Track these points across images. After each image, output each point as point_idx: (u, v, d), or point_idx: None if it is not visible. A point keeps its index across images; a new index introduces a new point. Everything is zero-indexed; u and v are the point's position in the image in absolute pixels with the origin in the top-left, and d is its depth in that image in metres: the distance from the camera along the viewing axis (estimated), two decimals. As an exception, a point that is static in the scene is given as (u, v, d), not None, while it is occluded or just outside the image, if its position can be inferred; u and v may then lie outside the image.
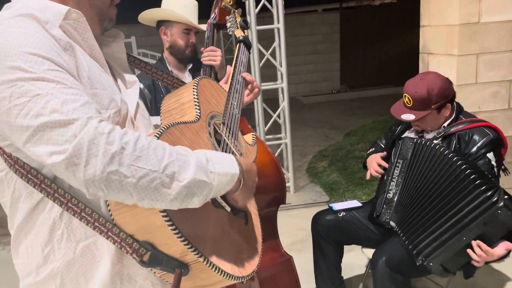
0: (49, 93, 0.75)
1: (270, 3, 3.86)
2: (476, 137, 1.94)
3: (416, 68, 3.50)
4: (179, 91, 1.15)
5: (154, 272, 0.93)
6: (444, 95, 1.96)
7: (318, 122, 7.10)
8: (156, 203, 0.80)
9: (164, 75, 1.26)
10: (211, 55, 1.95)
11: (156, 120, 1.24)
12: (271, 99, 4.48)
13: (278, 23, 3.82)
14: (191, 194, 0.81)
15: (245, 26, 1.65)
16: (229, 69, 1.46)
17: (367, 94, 8.86)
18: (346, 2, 10.26)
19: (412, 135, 2.12)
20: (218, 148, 1.09)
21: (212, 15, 1.87)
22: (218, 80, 2.06)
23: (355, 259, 2.70)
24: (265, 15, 4.04)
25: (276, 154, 4.18)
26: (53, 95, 0.75)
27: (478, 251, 1.68)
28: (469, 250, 1.71)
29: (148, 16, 2.16)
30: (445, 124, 2.03)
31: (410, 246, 1.90)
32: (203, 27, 2.15)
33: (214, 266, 0.89)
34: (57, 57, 0.80)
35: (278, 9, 3.78)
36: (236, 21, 1.67)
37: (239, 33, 1.59)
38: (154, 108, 2.07)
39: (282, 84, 3.96)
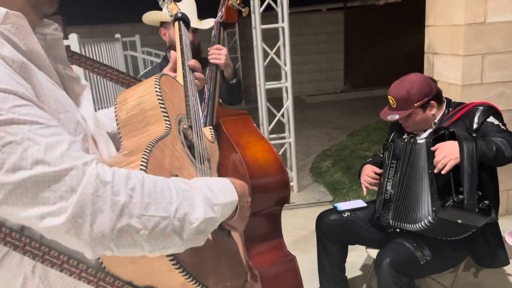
0: (25, 138, 0.60)
1: (275, 2, 3.86)
2: (470, 119, 1.98)
3: (421, 68, 3.48)
4: (136, 92, 0.96)
5: None
6: (424, 93, 2.01)
7: (322, 121, 7.09)
8: (166, 251, 0.70)
9: (108, 70, 1.08)
10: (216, 53, 1.95)
11: (108, 123, 1.06)
12: (275, 99, 4.48)
13: (283, 22, 3.81)
14: (200, 233, 0.73)
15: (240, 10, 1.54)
16: (174, 54, 1.22)
17: (371, 94, 8.84)
18: (350, 1, 10.24)
19: (405, 137, 2.15)
20: (193, 160, 0.99)
21: (219, 14, 1.87)
22: (225, 79, 2.07)
23: (359, 259, 2.70)
24: (269, 14, 4.04)
25: (279, 154, 4.17)
26: (31, 141, 0.60)
27: (435, 159, 1.84)
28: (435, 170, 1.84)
29: (148, 17, 2.19)
30: (436, 121, 2.08)
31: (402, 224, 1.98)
32: (205, 24, 2.14)
33: None
34: (17, 85, 0.63)
35: (283, 8, 3.78)
36: None
37: (174, 9, 1.33)
38: None
39: (286, 83, 3.96)
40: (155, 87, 0.94)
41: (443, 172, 1.81)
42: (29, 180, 0.59)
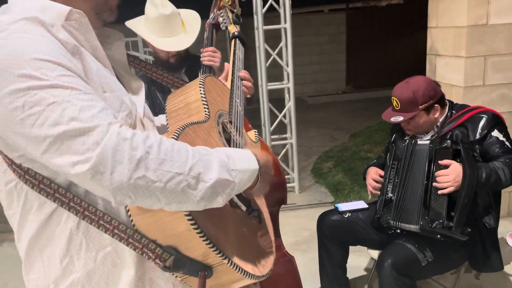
0: (65, 100, 0.72)
1: (277, 3, 3.86)
2: (473, 126, 1.98)
3: (423, 69, 3.48)
4: (184, 90, 1.12)
5: (176, 276, 0.91)
6: (429, 96, 2.01)
7: (324, 122, 7.09)
8: (182, 206, 0.78)
9: (164, 74, 1.24)
10: (211, 56, 1.96)
11: (158, 120, 1.23)
12: (277, 99, 4.48)
13: (285, 23, 3.82)
14: (216, 193, 0.80)
15: (237, 21, 1.62)
16: (227, 66, 1.44)
17: (373, 95, 8.83)
18: (352, 2, 10.24)
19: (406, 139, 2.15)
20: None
21: (211, 15, 1.88)
22: None
23: (361, 260, 2.70)
24: (271, 15, 4.04)
25: (281, 154, 4.18)
26: (70, 102, 0.72)
27: (437, 179, 1.87)
28: (433, 184, 1.89)
29: (131, 25, 2.13)
30: (438, 124, 2.07)
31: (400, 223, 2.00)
32: (178, 44, 2.06)
33: (237, 267, 0.88)
34: (67, 61, 0.76)
35: (285, 9, 3.78)
36: (228, 16, 1.63)
37: (233, 29, 1.55)
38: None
39: (288, 84, 3.96)
40: (199, 84, 1.09)
41: (439, 192, 1.86)
42: (65, 133, 0.71)
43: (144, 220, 0.85)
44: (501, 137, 1.94)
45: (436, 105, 2.03)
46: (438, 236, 1.89)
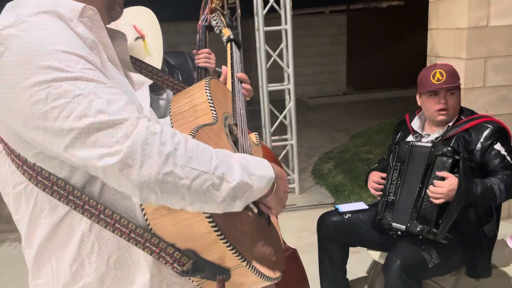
0: (91, 93, 0.70)
1: (278, 4, 3.87)
2: (477, 134, 1.98)
3: (424, 71, 3.48)
4: (188, 92, 1.11)
5: (192, 281, 0.89)
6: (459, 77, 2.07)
7: (324, 123, 7.09)
8: (205, 206, 0.76)
9: (165, 77, 1.22)
10: (206, 58, 1.97)
11: (162, 123, 1.23)
12: (277, 100, 4.49)
13: (286, 24, 3.82)
14: (236, 196, 0.78)
15: (231, 24, 1.65)
16: (225, 69, 1.44)
17: (373, 97, 8.84)
18: (353, 4, 10.22)
19: (411, 139, 2.15)
20: (236, 150, 1.07)
21: (202, 17, 1.89)
22: None
23: (361, 261, 2.70)
24: (272, 16, 4.05)
25: (281, 155, 4.18)
26: (96, 95, 0.70)
27: (431, 188, 1.88)
28: (428, 190, 1.90)
29: None
30: (450, 124, 2.07)
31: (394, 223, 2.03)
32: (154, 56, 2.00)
33: (256, 270, 0.88)
34: (89, 55, 0.75)
35: (286, 11, 3.79)
36: (221, 19, 1.65)
37: (227, 32, 1.56)
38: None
39: (288, 85, 3.97)
40: (205, 86, 1.08)
41: (432, 200, 1.89)
42: (92, 126, 0.69)
43: (162, 224, 0.83)
44: (502, 151, 1.94)
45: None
46: (420, 237, 1.95)
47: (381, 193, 2.18)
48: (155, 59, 1.93)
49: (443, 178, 1.87)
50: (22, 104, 0.71)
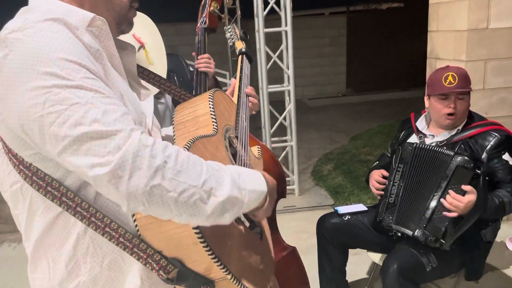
0: (88, 102, 0.72)
1: (278, 6, 3.87)
2: (483, 142, 1.95)
3: (423, 73, 3.49)
4: (192, 102, 1.13)
5: None
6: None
7: (324, 125, 7.09)
8: (192, 219, 0.78)
9: (172, 86, 1.23)
10: (208, 62, 1.98)
11: (165, 131, 1.23)
12: (277, 102, 4.49)
13: (286, 25, 3.82)
14: (224, 210, 0.80)
15: (245, 37, 1.66)
16: (233, 81, 1.45)
17: (373, 98, 8.84)
18: (353, 5, 10.23)
19: (415, 140, 2.13)
20: (234, 163, 1.08)
21: (201, 20, 1.90)
22: (207, 88, 2.11)
23: (360, 263, 2.70)
24: (272, 17, 4.05)
25: (281, 157, 4.18)
26: (93, 105, 0.72)
27: (449, 199, 1.82)
28: (442, 199, 1.85)
29: None
30: (460, 127, 2.04)
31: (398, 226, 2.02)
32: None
33: (240, 284, 0.89)
34: (91, 65, 0.77)
35: (286, 12, 3.79)
36: (235, 32, 1.67)
37: (240, 45, 1.59)
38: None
39: (288, 86, 3.97)
40: (209, 98, 1.10)
41: (444, 213, 1.85)
42: (86, 135, 0.71)
43: (150, 231, 0.85)
44: (511, 161, 1.92)
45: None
46: (422, 242, 1.94)
47: (382, 192, 2.15)
48: (158, 68, 1.92)
49: (462, 191, 1.81)
50: (21, 105, 0.73)
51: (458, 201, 1.78)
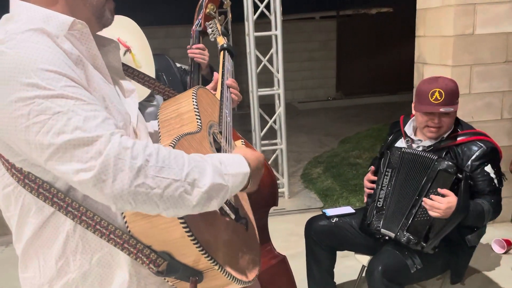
0: (70, 110, 0.75)
1: (269, 10, 3.89)
2: (468, 152, 1.97)
3: (411, 77, 3.53)
4: (176, 100, 1.16)
5: (167, 281, 0.95)
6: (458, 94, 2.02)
7: (314, 128, 7.13)
8: (180, 211, 0.81)
9: (156, 83, 1.25)
10: (202, 53, 1.99)
11: (151, 126, 1.24)
12: (267, 105, 4.51)
13: (276, 29, 3.85)
14: (211, 198, 0.83)
15: (226, 33, 1.67)
16: (216, 76, 1.47)
17: (363, 102, 8.90)
18: (343, 10, 10.31)
19: (402, 144, 2.15)
20: None
21: (196, 22, 1.90)
22: (204, 79, 2.12)
23: (348, 265, 2.72)
24: (262, 21, 4.07)
25: (271, 160, 4.19)
26: (74, 112, 0.75)
27: (429, 202, 1.83)
28: (423, 202, 1.87)
29: None
30: (445, 135, 2.05)
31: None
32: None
33: (227, 273, 0.92)
34: (72, 72, 0.80)
35: (276, 16, 3.81)
36: (217, 28, 1.68)
37: (222, 40, 1.60)
38: None
39: (278, 90, 3.99)
40: (192, 95, 1.13)
41: (429, 212, 1.85)
42: (69, 142, 0.74)
43: (139, 227, 0.88)
44: (492, 174, 1.94)
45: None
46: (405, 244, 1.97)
47: (371, 191, 2.18)
48: (146, 69, 1.93)
49: (442, 195, 1.84)
50: (6, 117, 0.76)
51: (439, 202, 1.81)
